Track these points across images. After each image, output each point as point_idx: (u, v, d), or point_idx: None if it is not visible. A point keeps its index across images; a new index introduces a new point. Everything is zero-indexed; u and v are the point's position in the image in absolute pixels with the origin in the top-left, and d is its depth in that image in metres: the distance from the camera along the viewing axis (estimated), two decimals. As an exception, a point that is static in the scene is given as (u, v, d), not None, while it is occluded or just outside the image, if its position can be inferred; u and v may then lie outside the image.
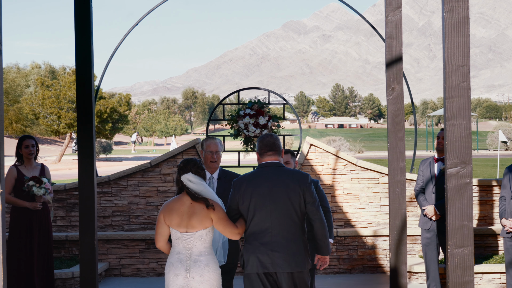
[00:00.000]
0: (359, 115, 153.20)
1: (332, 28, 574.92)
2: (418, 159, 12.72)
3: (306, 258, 4.25)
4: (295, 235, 4.22)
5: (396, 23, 5.47)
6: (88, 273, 5.01)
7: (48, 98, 35.38)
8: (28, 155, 6.52)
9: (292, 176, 4.27)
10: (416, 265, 7.57)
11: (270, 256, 4.17)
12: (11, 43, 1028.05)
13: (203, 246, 4.21)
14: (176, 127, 72.40)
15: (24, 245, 6.39)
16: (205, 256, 4.20)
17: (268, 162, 4.35)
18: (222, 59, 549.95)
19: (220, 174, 5.63)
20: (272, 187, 4.23)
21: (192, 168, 4.28)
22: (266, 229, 4.20)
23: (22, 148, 6.53)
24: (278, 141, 4.44)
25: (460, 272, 3.68)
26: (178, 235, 4.20)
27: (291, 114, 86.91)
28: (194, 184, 4.23)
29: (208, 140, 5.54)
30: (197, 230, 4.18)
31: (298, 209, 4.23)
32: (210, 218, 4.19)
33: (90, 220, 5.01)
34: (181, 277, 4.16)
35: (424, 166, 6.76)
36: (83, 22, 5.05)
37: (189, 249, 4.19)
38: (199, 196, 4.21)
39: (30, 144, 6.53)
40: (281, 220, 4.20)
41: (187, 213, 4.19)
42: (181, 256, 4.19)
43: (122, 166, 30.36)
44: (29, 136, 6.63)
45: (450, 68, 3.70)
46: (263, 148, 4.38)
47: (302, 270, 4.21)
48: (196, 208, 4.20)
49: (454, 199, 3.70)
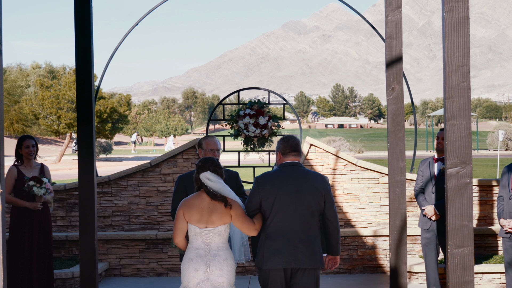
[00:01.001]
0: (359, 115, 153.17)
1: (332, 28, 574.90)
2: (418, 159, 12.72)
3: (322, 255, 4.49)
4: (315, 233, 4.43)
5: (396, 23, 5.47)
6: (88, 273, 5.01)
7: (48, 99, 35.37)
8: (28, 155, 6.51)
9: (315, 177, 4.47)
10: (416, 265, 7.57)
11: (293, 252, 4.34)
12: (12, 43, 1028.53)
13: (221, 241, 4.37)
14: (176, 127, 72.38)
15: (24, 245, 6.38)
16: (223, 251, 4.37)
17: (292, 162, 4.54)
18: (222, 59, 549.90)
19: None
20: (298, 186, 4.40)
21: (210, 166, 4.42)
22: (290, 226, 4.36)
23: (22, 148, 6.52)
24: (300, 143, 4.65)
25: (460, 272, 3.68)
26: (197, 230, 4.35)
27: (291, 114, 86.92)
28: (212, 182, 4.36)
29: (207, 139, 5.48)
30: (217, 226, 4.34)
31: (318, 209, 4.43)
32: (229, 215, 4.35)
33: (90, 220, 5.01)
34: (201, 271, 4.31)
35: (424, 166, 6.76)
36: (83, 22, 5.05)
37: (208, 244, 4.35)
38: (217, 194, 4.34)
39: (30, 144, 6.52)
40: (304, 219, 4.38)
41: (207, 210, 4.33)
42: (200, 251, 4.34)
43: (122, 166, 30.35)
44: (29, 136, 6.62)
45: (450, 68, 3.70)
46: (288, 148, 4.55)
47: (321, 266, 4.44)
48: (216, 205, 4.35)
49: (454, 199, 3.70)
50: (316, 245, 4.40)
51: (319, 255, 4.40)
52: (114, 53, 8.51)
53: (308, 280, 4.39)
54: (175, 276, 8.02)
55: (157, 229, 8.29)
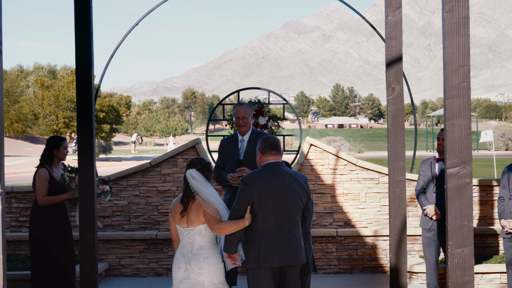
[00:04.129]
0: (359, 115, 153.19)
1: (332, 28, 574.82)
2: (418, 159, 12.72)
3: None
4: (300, 230, 4.59)
5: (396, 23, 5.47)
6: (88, 273, 5.00)
7: (47, 98, 35.38)
8: (64, 156, 6.41)
9: (300, 177, 4.61)
10: (416, 265, 7.57)
11: (287, 250, 4.45)
12: (15, 44, 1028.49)
13: (203, 240, 4.46)
14: (176, 127, 72.40)
15: (52, 245, 6.21)
16: (205, 250, 4.45)
17: (274, 162, 4.61)
18: (222, 59, 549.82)
19: (252, 135, 6.27)
20: (288, 186, 4.51)
21: (197, 165, 4.51)
22: (282, 225, 4.49)
23: (60, 149, 6.34)
24: (280, 143, 4.74)
25: (460, 272, 3.68)
26: (181, 230, 4.51)
27: (291, 114, 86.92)
28: (195, 180, 4.45)
29: (236, 107, 6.26)
30: (196, 225, 4.44)
31: (302, 207, 4.61)
32: (203, 214, 4.43)
33: (90, 220, 5.01)
34: (182, 269, 4.44)
35: (425, 166, 6.77)
36: (83, 22, 5.04)
37: (190, 243, 4.46)
38: (192, 194, 4.44)
39: (67, 145, 6.49)
40: (293, 217, 4.52)
41: (187, 209, 4.46)
42: (184, 250, 4.48)
43: (122, 166, 30.36)
44: (64, 137, 6.59)
45: (450, 68, 3.70)
46: (267, 147, 4.62)
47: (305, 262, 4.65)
48: (193, 204, 4.45)
49: (454, 199, 3.70)
50: (302, 241, 4.59)
51: (304, 251, 4.60)
52: (114, 53, 8.51)
53: (296, 275, 4.58)
54: (175, 276, 8.02)
55: (157, 229, 8.29)
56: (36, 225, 6.23)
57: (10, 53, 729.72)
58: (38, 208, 6.26)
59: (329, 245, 8.11)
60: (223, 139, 6.43)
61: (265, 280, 4.45)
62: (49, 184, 6.23)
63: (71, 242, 6.42)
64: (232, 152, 6.24)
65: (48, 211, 6.25)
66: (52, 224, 6.23)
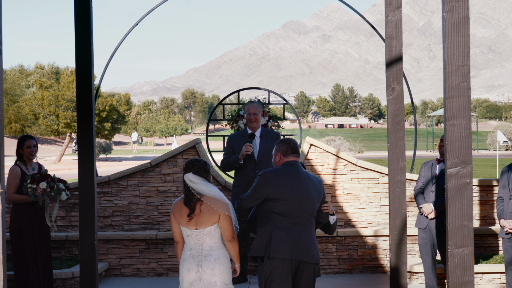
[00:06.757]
0: (359, 115, 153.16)
1: (332, 28, 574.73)
2: (418, 159, 12.70)
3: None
4: (314, 230, 4.69)
5: (396, 23, 5.47)
6: (88, 273, 5.00)
7: (47, 98, 35.36)
8: (30, 155, 6.49)
9: (316, 179, 4.75)
10: (416, 265, 7.57)
11: (299, 245, 4.52)
12: (16, 44, 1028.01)
13: (213, 241, 4.44)
14: (176, 127, 72.38)
15: (28, 244, 6.36)
16: (215, 251, 4.44)
17: (294, 161, 4.73)
18: (222, 59, 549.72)
19: (262, 132, 6.86)
20: (305, 184, 4.61)
21: (193, 168, 4.46)
22: (297, 222, 4.56)
23: (23, 148, 6.48)
24: (299, 146, 5.06)
25: (460, 272, 3.68)
26: (188, 232, 4.46)
27: (291, 114, 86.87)
28: (194, 184, 4.41)
29: (248, 104, 6.89)
30: (206, 227, 4.41)
31: (317, 208, 4.71)
32: (218, 215, 4.41)
33: (90, 220, 5.01)
34: (193, 271, 4.41)
35: (426, 167, 6.78)
36: (83, 22, 5.04)
37: (200, 244, 4.43)
38: (196, 195, 4.40)
39: (31, 144, 6.50)
40: (308, 215, 4.61)
41: (195, 212, 4.41)
42: (193, 252, 4.44)
43: (122, 166, 30.35)
44: (30, 136, 6.59)
45: (450, 68, 3.70)
46: (289, 149, 4.75)
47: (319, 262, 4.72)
48: (202, 206, 4.40)
49: (454, 199, 3.70)
50: (315, 241, 4.65)
51: (317, 250, 4.67)
52: (114, 53, 8.51)
53: (309, 275, 4.60)
54: (175, 276, 8.01)
55: (157, 229, 8.29)
56: (13, 223, 6.44)
57: (12, 53, 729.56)
58: (14, 205, 6.46)
59: (329, 245, 8.11)
60: (232, 135, 6.96)
61: (277, 275, 4.48)
62: (21, 182, 6.38)
63: (48, 242, 6.58)
64: (243, 145, 6.84)
65: (21, 208, 6.41)
66: (26, 223, 6.39)
